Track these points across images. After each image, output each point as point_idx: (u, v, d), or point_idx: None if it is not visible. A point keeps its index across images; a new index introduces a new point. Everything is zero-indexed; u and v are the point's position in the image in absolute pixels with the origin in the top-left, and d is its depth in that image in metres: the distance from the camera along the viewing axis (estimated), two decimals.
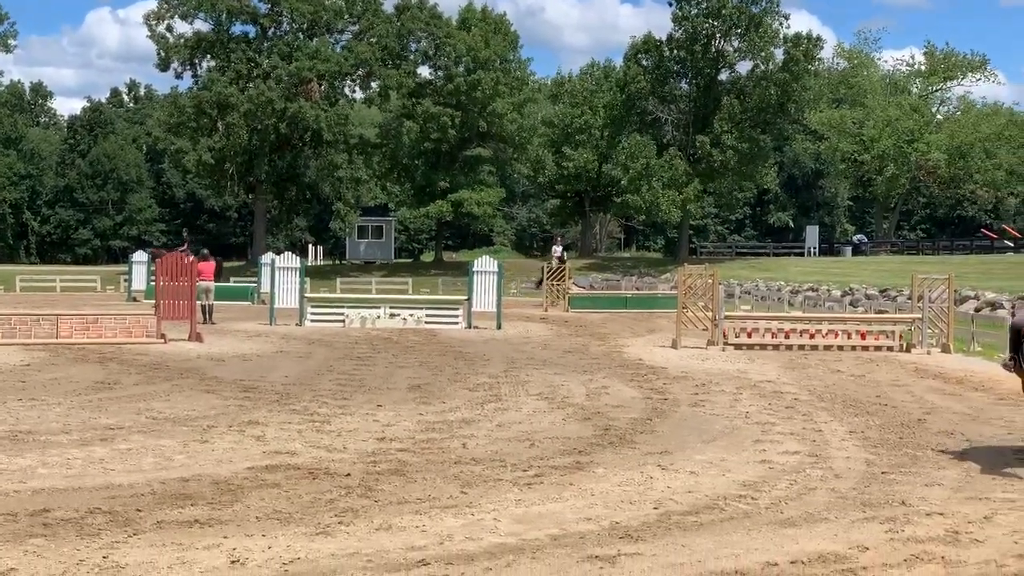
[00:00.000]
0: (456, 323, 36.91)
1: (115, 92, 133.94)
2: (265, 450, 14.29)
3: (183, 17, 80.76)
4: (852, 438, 16.06)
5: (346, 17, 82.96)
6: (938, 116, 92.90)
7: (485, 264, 39.08)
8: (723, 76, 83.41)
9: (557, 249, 54.43)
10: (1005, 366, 12.64)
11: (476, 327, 36.02)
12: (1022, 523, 10.99)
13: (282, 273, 38.73)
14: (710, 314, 31.44)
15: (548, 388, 21.04)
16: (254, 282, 51.75)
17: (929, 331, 30.52)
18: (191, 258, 34.78)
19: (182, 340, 29.52)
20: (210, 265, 39.21)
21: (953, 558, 9.68)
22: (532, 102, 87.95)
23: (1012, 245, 79.49)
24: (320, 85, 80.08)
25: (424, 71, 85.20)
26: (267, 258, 47.36)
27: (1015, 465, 14.08)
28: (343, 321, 36.70)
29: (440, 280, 67.18)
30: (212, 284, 38.76)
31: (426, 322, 36.79)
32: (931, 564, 9.51)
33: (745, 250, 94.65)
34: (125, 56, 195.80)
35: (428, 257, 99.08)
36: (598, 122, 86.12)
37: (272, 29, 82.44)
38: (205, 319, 35.99)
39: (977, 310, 37.87)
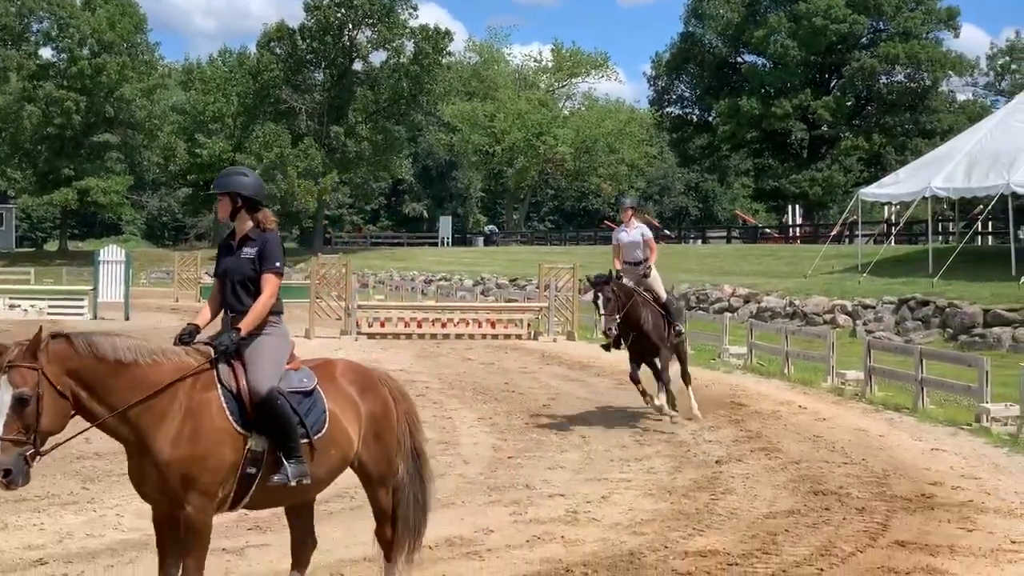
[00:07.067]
0: (81, 314, 35.63)
1: None
2: None
3: None
4: (481, 424, 16.44)
5: None
6: (564, 111, 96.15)
7: (112, 253, 37.90)
8: (357, 67, 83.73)
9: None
10: None
11: (103, 318, 34.86)
12: (637, 501, 11.54)
13: None
14: (344, 304, 31.51)
15: None
16: None
17: (555, 319, 31.56)
18: None
19: None
20: None
21: (572, 537, 10.07)
22: (162, 88, 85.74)
23: None
24: None
25: (46, 53, 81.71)
26: None
27: (631, 447, 14.77)
28: None
29: (65, 270, 64.53)
30: None
31: (49, 313, 35.33)
32: (552, 544, 9.86)
33: (380, 240, 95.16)
34: None
35: (53, 246, 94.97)
36: (232, 110, 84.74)
37: None
38: None
39: None
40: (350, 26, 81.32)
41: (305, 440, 7.31)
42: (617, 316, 15.99)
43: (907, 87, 74.70)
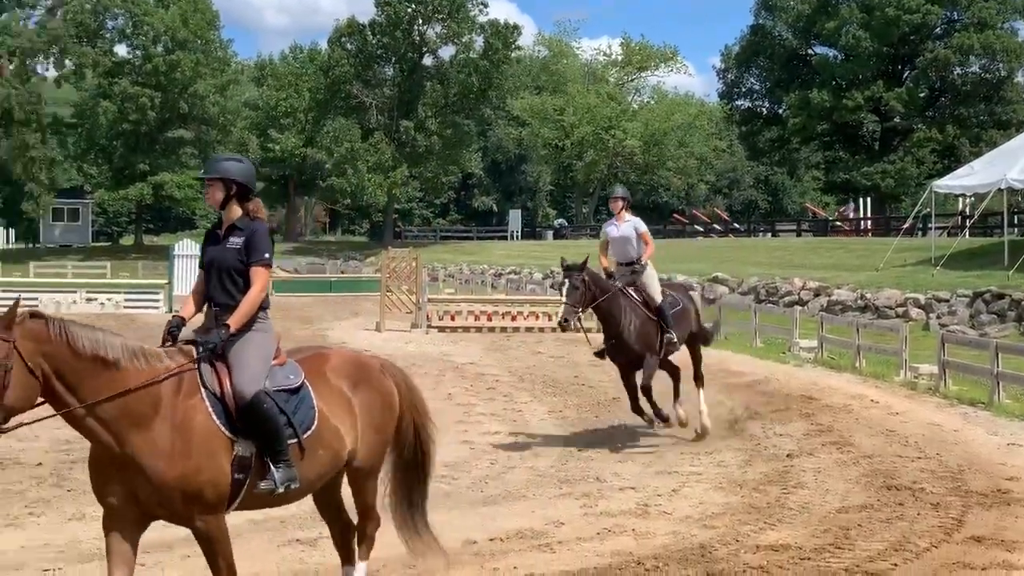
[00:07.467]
0: (157, 308, 36.08)
1: None
2: None
3: None
4: (551, 417, 16.48)
5: None
6: (634, 105, 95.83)
7: (187, 248, 38.38)
8: (427, 61, 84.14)
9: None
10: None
11: (177, 312, 35.27)
12: (708, 495, 11.52)
13: None
14: (414, 297, 31.67)
15: None
16: None
17: None
18: None
19: None
20: None
21: (643, 530, 10.08)
22: (235, 84, 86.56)
23: (702, 229, 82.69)
24: (10, 62, 76.55)
25: (121, 50, 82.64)
26: None
27: (702, 440, 14.73)
28: (36, 307, 35.35)
29: (140, 264, 65.36)
30: None
31: (125, 307, 35.83)
32: (623, 536, 9.87)
33: (449, 234, 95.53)
34: None
35: (128, 241, 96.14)
36: (303, 105, 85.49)
37: None
38: None
39: None
40: (420, 21, 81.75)
41: (294, 440, 7.00)
42: (579, 308, 14.52)
43: (982, 78, 73.82)
